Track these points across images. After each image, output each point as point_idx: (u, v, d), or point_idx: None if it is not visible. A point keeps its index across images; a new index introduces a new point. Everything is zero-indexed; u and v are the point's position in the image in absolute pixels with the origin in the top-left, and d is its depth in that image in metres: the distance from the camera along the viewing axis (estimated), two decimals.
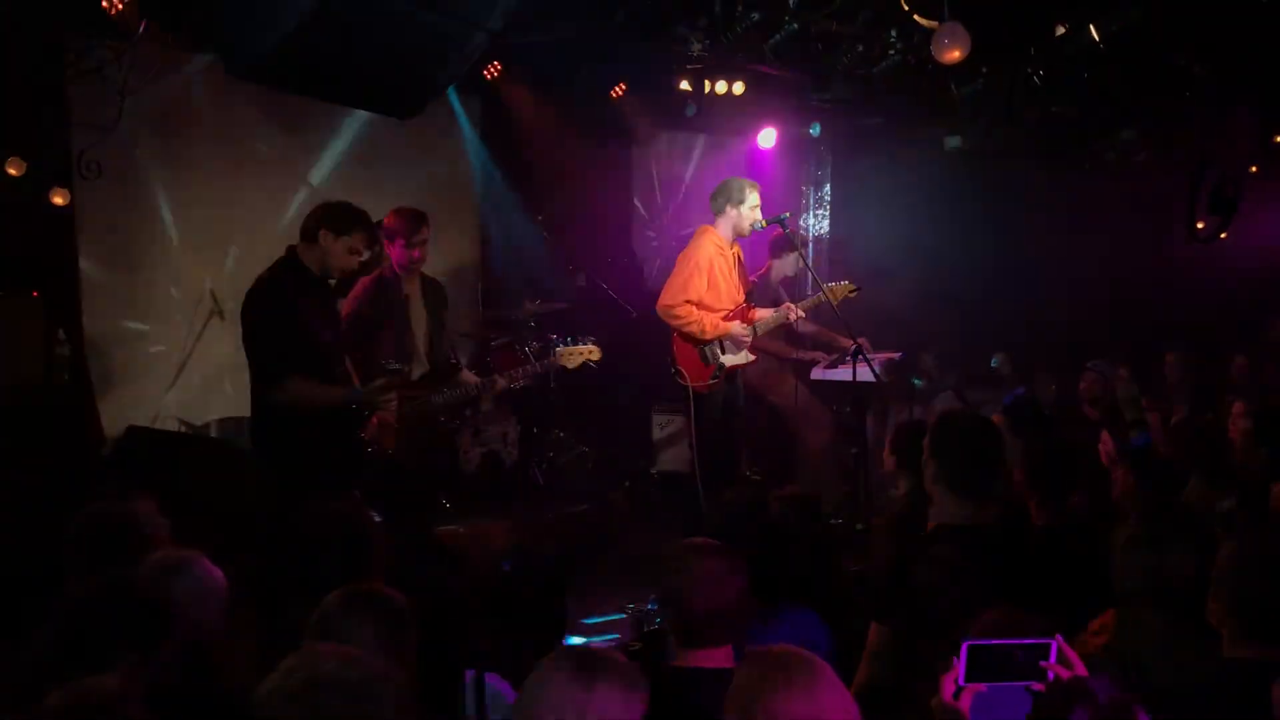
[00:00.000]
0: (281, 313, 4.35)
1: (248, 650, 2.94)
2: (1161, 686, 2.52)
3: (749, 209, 5.86)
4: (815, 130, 8.64)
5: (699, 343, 5.93)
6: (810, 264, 6.44)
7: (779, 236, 6.75)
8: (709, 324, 5.84)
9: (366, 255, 4.63)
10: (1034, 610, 2.47)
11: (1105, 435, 4.95)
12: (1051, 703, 2.17)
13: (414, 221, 5.23)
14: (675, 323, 5.88)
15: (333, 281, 4.61)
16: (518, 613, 3.01)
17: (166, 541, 3.51)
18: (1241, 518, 4.10)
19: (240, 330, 4.41)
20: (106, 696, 2.05)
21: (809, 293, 7.14)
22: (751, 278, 6.53)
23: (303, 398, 4.37)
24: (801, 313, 6.11)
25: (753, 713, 2.02)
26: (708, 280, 5.88)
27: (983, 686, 2.21)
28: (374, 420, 4.64)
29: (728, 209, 5.91)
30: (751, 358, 6.00)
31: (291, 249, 4.46)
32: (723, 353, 5.94)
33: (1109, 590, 2.82)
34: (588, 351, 5.55)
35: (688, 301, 5.84)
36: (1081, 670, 2.23)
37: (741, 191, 5.89)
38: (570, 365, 5.53)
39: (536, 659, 2.17)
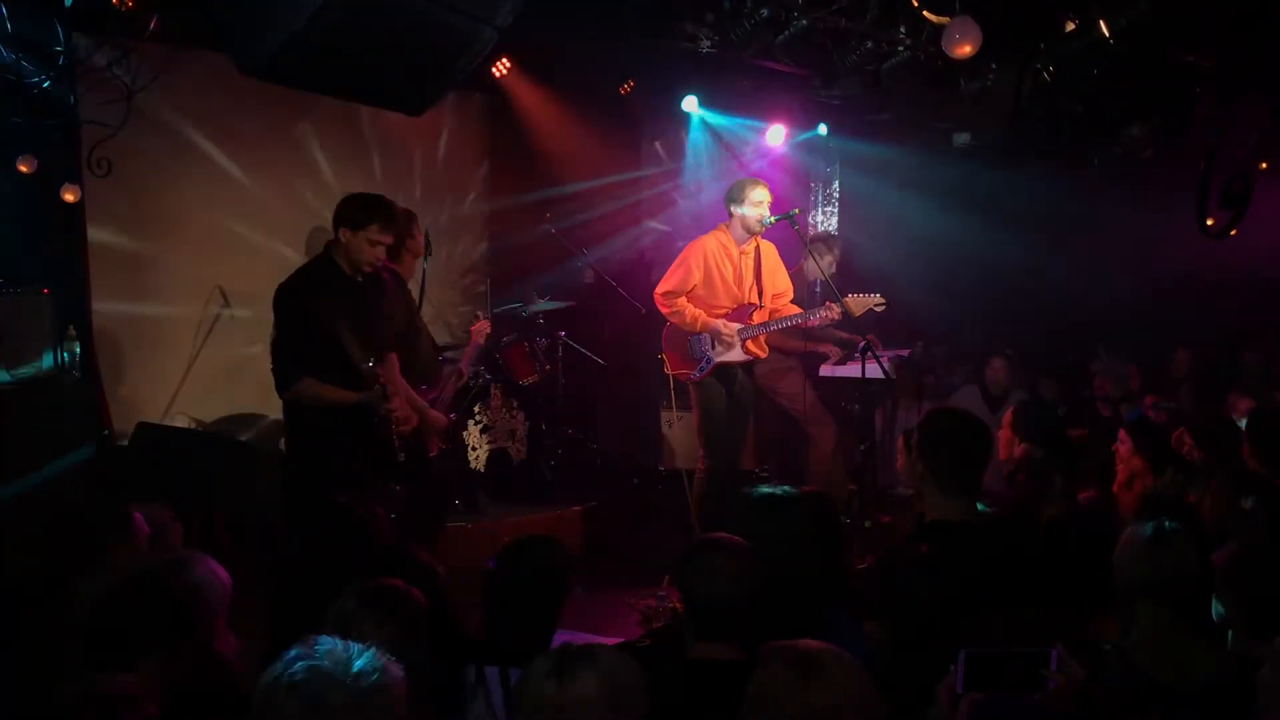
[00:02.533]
0: (299, 313, 4.39)
1: (258, 649, 2.94)
2: (1163, 683, 2.51)
3: (751, 206, 5.88)
4: (823, 130, 8.62)
5: (689, 334, 5.99)
6: (822, 265, 6.40)
7: (814, 238, 6.77)
8: (691, 316, 5.91)
9: (390, 240, 4.61)
10: (1037, 608, 2.46)
11: (1123, 434, 4.86)
12: (1056, 712, 2.14)
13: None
14: (664, 310, 6.00)
15: (360, 277, 4.58)
16: (516, 608, 2.99)
17: (176, 543, 3.53)
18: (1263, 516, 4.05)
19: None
20: (124, 694, 2.06)
21: (817, 290, 7.15)
22: None
23: (312, 398, 4.42)
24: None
25: (778, 705, 1.98)
26: (703, 276, 5.94)
27: (981, 696, 2.18)
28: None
29: (732, 209, 5.97)
30: (744, 356, 6.00)
31: (329, 245, 4.54)
32: (711, 347, 5.96)
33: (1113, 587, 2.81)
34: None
35: (669, 292, 5.95)
36: (1083, 678, 2.20)
37: (741, 190, 5.93)
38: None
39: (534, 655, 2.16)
